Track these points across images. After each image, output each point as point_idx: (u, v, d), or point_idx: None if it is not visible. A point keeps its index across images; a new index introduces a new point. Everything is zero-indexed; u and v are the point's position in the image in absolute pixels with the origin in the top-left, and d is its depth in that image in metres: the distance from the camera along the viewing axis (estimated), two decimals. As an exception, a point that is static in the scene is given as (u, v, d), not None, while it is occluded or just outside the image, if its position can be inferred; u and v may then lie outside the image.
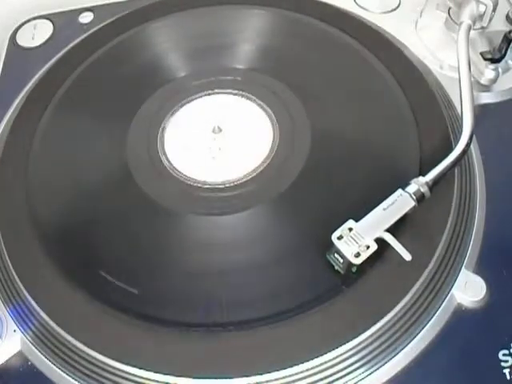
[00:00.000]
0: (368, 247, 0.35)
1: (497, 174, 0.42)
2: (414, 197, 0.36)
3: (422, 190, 0.37)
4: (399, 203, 0.36)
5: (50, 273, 0.38)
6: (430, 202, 0.37)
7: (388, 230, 0.35)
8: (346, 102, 0.46)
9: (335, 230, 0.36)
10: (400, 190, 0.37)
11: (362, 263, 0.35)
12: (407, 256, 0.34)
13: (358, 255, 0.34)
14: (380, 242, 0.35)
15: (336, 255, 0.35)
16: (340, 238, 0.35)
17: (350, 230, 0.35)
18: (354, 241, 0.35)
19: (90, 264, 0.39)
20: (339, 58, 0.49)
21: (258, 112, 0.47)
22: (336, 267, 0.36)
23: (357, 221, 0.36)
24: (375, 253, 0.35)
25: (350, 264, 0.35)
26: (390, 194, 0.37)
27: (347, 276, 0.36)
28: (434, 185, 0.37)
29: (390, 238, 0.35)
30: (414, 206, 0.36)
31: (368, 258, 0.35)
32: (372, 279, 0.35)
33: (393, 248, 0.34)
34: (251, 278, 0.38)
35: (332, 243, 0.35)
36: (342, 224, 0.36)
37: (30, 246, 0.39)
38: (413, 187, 0.37)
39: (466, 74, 0.42)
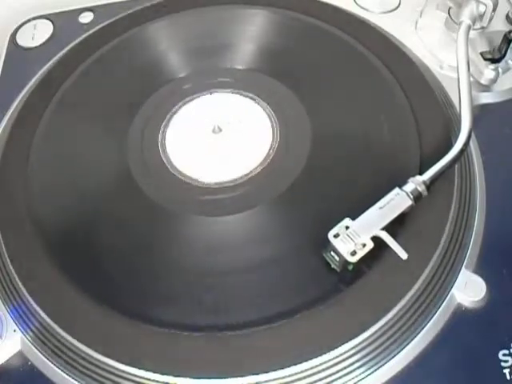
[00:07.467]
0: (364, 245, 0.35)
1: (497, 174, 0.42)
2: (411, 196, 0.36)
3: (419, 188, 0.37)
4: (396, 202, 0.36)
5: (50, 273, 0.38)
6: (430, 201, 0.37)
7: (388, 230, 0.35)
8: (345, 102, 0.46)
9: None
10: (397, 189, 0.37)
11: (360, 262, 0.35)
12: (403, 254, 0.34)
13: (354, 253, 0.34)
14: (379, 241, 0.35)
15: (332, 253, 0.35)
16: (336, 236, 0.35)
17: (347, 228, 0.35)
18: (351, 239, 0.35)
19: (90, 264, 0.39)
20: (339, 58, 0.49)
21: (258, 112, 0.47)
22: (332, 265, 0.36)
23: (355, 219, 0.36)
24: (375, 253, 0.35)
25: (346, 262, 0.35)
26: (389, 194, 0.37)
27: (347, 276, 0.36)
28: (431, 184, 0.37)
29: (386, 237, 0.35)
30: (411, 205, 0.36)
31: (368, 257, 0.35)
32: (371, 279, 0.35)
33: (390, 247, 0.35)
34: (251, 278, 0.38)
35: (328, 241, 0.35)
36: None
37: (30, 245, 0.39)
38: (410, 186, 0.37)
39: (464, 74, 0.42)
